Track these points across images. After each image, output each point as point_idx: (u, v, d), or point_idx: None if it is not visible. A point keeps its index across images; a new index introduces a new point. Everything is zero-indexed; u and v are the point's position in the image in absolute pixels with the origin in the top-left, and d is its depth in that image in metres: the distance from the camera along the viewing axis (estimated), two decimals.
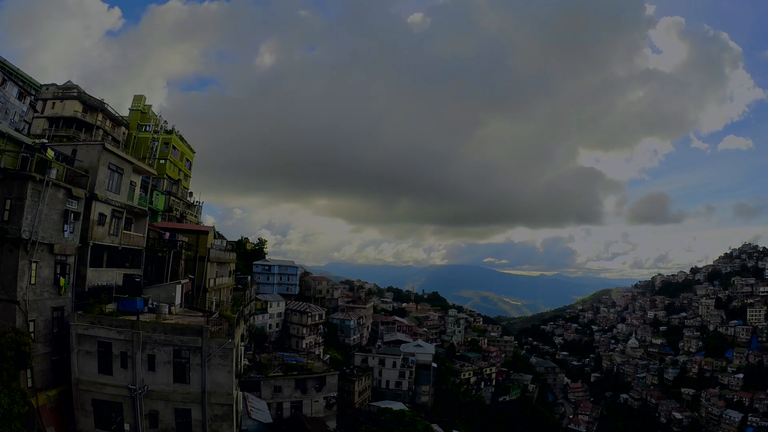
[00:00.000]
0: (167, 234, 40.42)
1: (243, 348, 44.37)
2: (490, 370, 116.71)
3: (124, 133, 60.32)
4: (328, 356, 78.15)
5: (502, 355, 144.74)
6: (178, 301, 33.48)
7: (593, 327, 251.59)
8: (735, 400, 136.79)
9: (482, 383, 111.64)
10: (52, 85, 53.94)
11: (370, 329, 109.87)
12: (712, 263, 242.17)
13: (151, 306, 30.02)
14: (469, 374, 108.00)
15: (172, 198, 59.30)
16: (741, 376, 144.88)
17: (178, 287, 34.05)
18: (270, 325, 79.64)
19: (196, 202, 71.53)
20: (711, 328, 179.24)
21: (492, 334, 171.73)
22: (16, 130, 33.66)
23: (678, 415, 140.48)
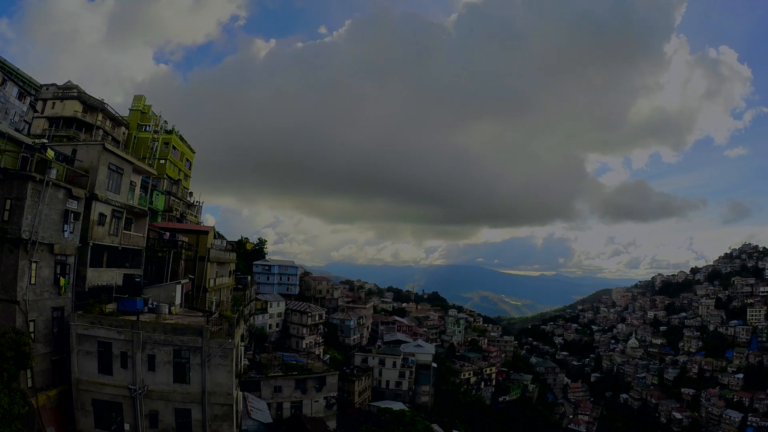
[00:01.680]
0: (167, 234, 40.45)
1: (243, 348, 44.33)
2: (490, 370, 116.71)
3: (124, 133, 60.32)
4: (328, 356, 78.15)
5: (502, 355, 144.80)
6: (178, 301, 33.46)
7: (593, 327, 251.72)
8: (735, 400, 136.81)
9: (482, 383, 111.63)
10: (52, 85, 53.92)
11: (370, 329, 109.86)
12: (712, 263, 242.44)
13: (151, 306, 30.01)
14: (469, 374, 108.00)
15: (172, 198, 59.26)
16: (741, 376, 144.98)
17: (178, 287, 34.02)
18: (270, 325, 79.65)
19: (196, 202, 71.53)
20: (711, 328, 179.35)
21: (492, 334, 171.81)
22: (16, 130, 33.68)
23: (678, 415, 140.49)
